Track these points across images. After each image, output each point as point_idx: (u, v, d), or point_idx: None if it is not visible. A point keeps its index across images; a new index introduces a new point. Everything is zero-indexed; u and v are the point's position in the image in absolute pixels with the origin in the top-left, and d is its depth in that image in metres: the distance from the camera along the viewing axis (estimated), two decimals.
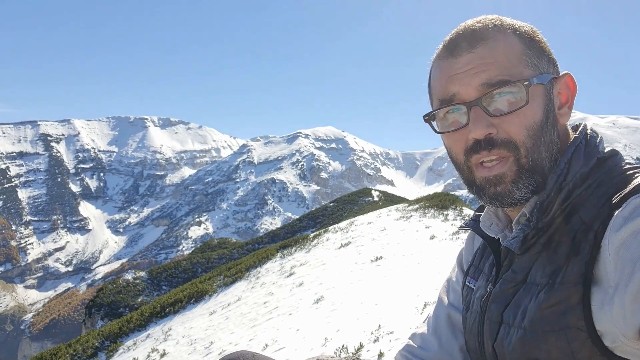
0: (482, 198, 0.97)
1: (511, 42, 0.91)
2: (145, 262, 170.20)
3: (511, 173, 0.91)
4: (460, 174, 1.00)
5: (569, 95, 0.97)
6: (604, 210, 0.83)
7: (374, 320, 5.86)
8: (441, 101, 0.96)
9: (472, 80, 0.90)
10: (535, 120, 0.90)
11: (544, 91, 0.92)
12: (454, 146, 0.97)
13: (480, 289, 1.08)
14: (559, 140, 0.94)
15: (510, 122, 0.89)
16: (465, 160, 0.95)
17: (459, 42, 0.93)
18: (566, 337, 0.81)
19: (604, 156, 0.92)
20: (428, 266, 8.04)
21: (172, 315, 12.30)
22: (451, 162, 1.01)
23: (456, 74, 0.92)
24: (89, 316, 25.77)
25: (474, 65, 0.90)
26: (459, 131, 0.94)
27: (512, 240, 0.93)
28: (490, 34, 0.91)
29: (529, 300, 0.88)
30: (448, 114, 0.96)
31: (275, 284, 10.94)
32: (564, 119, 0.96)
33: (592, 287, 0.80)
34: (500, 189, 0.92)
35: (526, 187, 0.91)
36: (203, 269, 28.25)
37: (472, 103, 0.90)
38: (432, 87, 1.00)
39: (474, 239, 1.24)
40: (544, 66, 0.93)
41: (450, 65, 0.94)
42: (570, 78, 0.97)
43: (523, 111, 0.89)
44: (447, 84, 0.94)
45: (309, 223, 34.17)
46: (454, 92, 0.93)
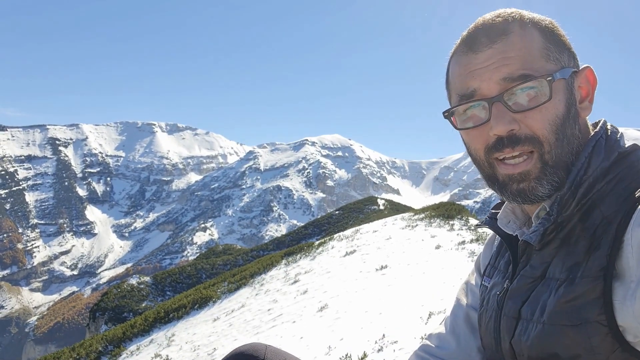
0: (504, 194, 0.95)
1: (532, 36, 0.90)
2: (150, 267, 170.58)
3: (536, 170, 0.90)
4: (480, 169, 0.98)
5: (589, 89, 0.95)
6: (626, 205, 0.82)
7: (378, 329, 5.82)
8: (461, 97, 0.94)
9: (493, 75, 0.89)
10: (557, 115, 0.89)
11: (565, 85, 0.90)
12: (474, 142, 0.96)
13: (496, 286, 1.07)
14: (580, 135, 0.93)
15: (533, 118, 0.88)
16: (486, 157, 0.94)
17: (478, 36, 0.92)
18: (586, 331, 0.80)
19: (626, 151, 0.91)
20: (433, 276, 7.99)
21: (175, 321, 12.29)
22: (470, 157, 1.00)
23: (476, 69, 0.91)
24: (93, 320, 25.81)
25: (495, 60, 0.89)
26: (479, 127, 0.93)
27: (532, 234, 0.92)
28: (511, 28, 0.90)
29: (547, 295, 0.87)
30: (468, 110, 0.95)
31: (280, 291, 10.90)
32: (585, 113, 0.95)
33: (614, 282, 0.79)
34: (523, 185, 0.91)
35: (550, 183, 0.90)
36: (207, 274, 28.26)
37: (494, 99, 0.89)
38: (451, 83, 0.99)
39: (493, 244, 1.22)
40: (565, 60, 0.92)
41: (470, 60, 0.92)
42: (591, 71, 0.95)
43: (546, 106, 0.88)
44: (467, 79, 0.92)
45: (314, 230, 34.13)
46: (475, 88, 0.91)
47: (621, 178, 0.87)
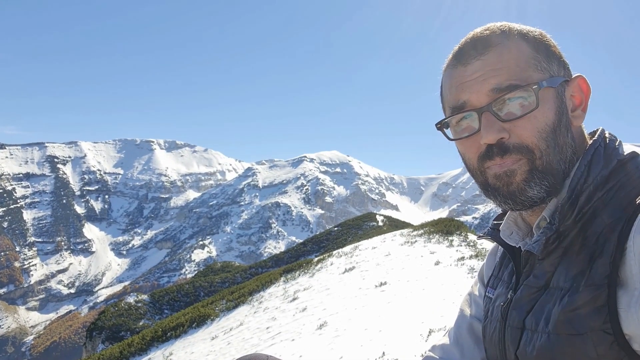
0: (497, 199, 0.96)
1: (519, 47, 0.91)
2: (147, 285, 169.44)
3: (522, 171, 0.91)
4: (474, 178, 1.00)
5: (583, 98, 0.96)
6: (628, 212, 0.83)
7: (378, 347, 5.77)
8: (452, 109, 0.96)
9: (482, 86, 0.91)
10: (547, 123, 0.90)
11: (555, 94, 0.92)
12: (467, 152, 0.97)
13: (500, 297, 1.07)
14: (573, 143, 0.94)
15: (522, 126, 0.89)
16: (478, 166, 0.96)
17: (467, 50, 0.94)
18: (592, 340, 0.80)
19: (625, 158, 0.91)
20: (433, 292, 7.94)
21: (173, 340, 12.17)
22: (465, 167, 1.02)
23: (466, 82, 0.93)
24: (89, 339, 25.54)
25: (483, 72, 0.91)
26: (471, 137, 0.95)
27: (534, 243, 0.92)
28: (498, 40, 0.92)
29: (552, 305, 0.87)
30: (461, 121, 0.96)
31: (279, 308, 10.82)
32: (578, 121, 0.96)
33: (618, 290, 0.79)
34: (513, 187, 0.92)
35: (539, 185, 0.91)
36: (206, 292, 28.07)
37: (483, 109, 0.91)
38: (444, 96, 1.01)
39: (495, 255, 1.22)
40: (554, 69, 0.93)
41: (459, 73, 0.94)
42: (583, 80, 0.96)
43: (534, 114, 0.89)
44: (457, 92, 0.95)
45: (313, 247, 33.99)
46: (465, 100, 0.93)
47: (621, 186, 0.87)
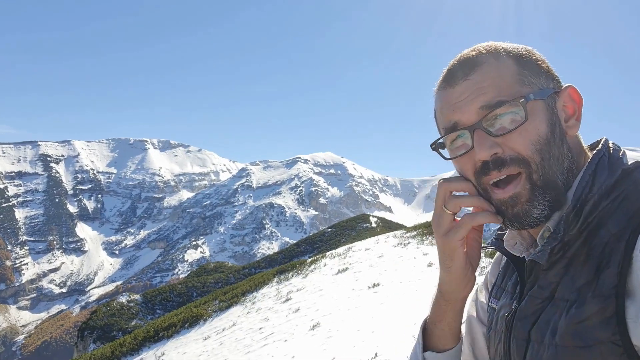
0: (502, 221, 0.97)
1: (505, 64, 0.93)
2: (140, 285, 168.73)
3: (525, 192, 0.91)
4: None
5: (576, 107, 0.97)
6: (634, 222, 0.82)
7: (370, 348, 5.78)
8: (445, 130, 0.98)
9: (471, 106, 0.92)
10: (539, 135, 0.91)
11: (544, 106, 0.93)
12: (464, 170, 0.98)
13: (504, 307, 1.06)
14: (570, 153, 0.94)
15: (514, 140, 0.90)
16: (477, 182, 0.97)
17: (454, 71, 0.96)
18: (601, 352, 0.79)
19: (629, 168, 0.91)
20: (425, 294, 7.96)
21: (165, 340, 12.13)
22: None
23: (456, 103, 0.95)
24: (81, 339, 25.45)
25: (471, 91, 0.93)
26: (466, 155, 0.96)
27: (539, 253, 0.91)
28: (484, 59, 0.94)
29: (558, 316, 0.86)
30: (455, 140, 0.98)
31: (271, 309, 10.81)
32: (573, 131, 0.96)
33: (626, 300, 0.78)
34: (517, 209, 0.92)
35: (542, 204, 0.91)
36: (198, 293, 28.02)
37: (474, 126, 0.92)
38: (437, 118, 1.03)
39: (500, 263, 1.21)
40: (542, 82, 0.94)
41: (449, 95, 0.96)
42: (574, 90, 0.97)
43: (525, 127, 0.90)
44: (448, 113, 0.96)
45: (306, 248, 34.02)
46: (456, 120, 0.95)
47: (626, 195, 0.86)
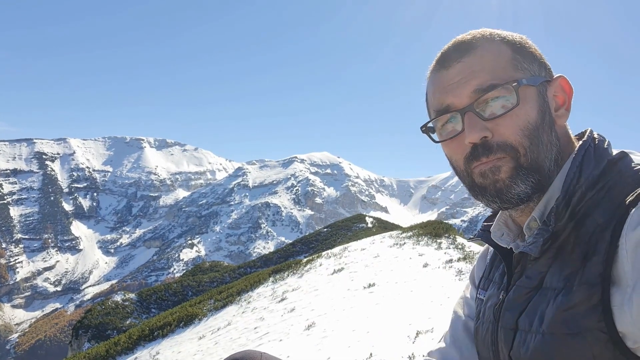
0: (484, 198, 0.97)
1: (500, 49, 0.94)
2: (135, 283, 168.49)
3: (506, 168, 0.92)
4: (462, 180, 1.01)
5: (566, 98, 0.98)
6: (619, 210, 0.83)
7: (365, 348, 5.78)
8: (437, 112, 0.98)
9: (464, 88, 0.92)
10: (529, 120, 0.91)
11: (536, 93, 0.93)
12: (454, 154, 0.99)
13: (491, 298, 1.07)
14: (558, 142, 0.95)
15: (504, 125, 0.90)
16: (465, 167, 0.97)
17: (449, 54, 0.96)
18: (586, 339, 0.80)
19: (614, 158, 0.92)
20: (421, 294, 7.98)
21: (160, 339, 12.11)
22: (453, 170, 1.03)
23: (448, 85, 0.94)
24: (75, 338, 25.35)
25: (465, 74, 0.92)
26: (456, 138, 0.96)
27: (531, 245, 0.92)
28: (479, 43, 0.94)
29: (546, 305, 0.87)
30: (446, 124, 0.98)
31: (267, 309, 10.81)
32: (562, 120, 0.97)
33: (612, 288, 0.79)
34: (499, 185, 0.93)
35: (524, 182, 0.92)
36: (194, 292, 27.99)
37: (465, 109, 0.92)
38: (429, 101, 1.02)
39: (486, 257, 1.23)
40: (535, 69, 0.95)
41: (442, 77, 0.96)
42: (565, 80, 0.98)
43: (515, 112, 0.90)
44: (441, 95, 0.96)
45: (302, 248, 34.01)
46: (449, 103, 0.95)
47: (612, 186, 0.88)
